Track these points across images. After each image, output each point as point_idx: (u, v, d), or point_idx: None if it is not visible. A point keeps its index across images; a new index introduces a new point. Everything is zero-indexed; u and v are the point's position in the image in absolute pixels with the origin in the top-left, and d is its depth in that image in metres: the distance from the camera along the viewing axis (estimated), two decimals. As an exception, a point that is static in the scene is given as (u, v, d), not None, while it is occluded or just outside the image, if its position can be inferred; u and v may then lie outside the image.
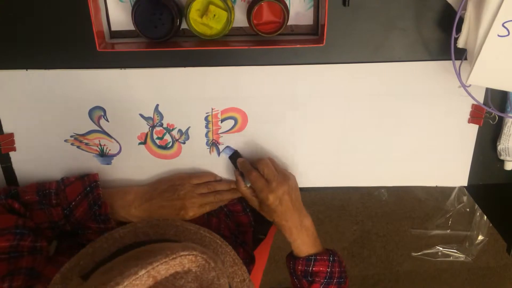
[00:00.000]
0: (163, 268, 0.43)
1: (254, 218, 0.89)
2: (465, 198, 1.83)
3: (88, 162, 0.79)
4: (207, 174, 0.81)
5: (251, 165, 0.76)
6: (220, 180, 0.82)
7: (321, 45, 0.67)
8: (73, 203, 0.71)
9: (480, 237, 1.88)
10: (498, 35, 0.61)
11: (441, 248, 1.91)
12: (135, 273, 0.41)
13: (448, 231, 1.89)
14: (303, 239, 0.75)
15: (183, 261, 0.44)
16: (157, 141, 0.78)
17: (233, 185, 0.80)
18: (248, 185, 0.77)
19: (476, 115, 0.77)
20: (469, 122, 0.78)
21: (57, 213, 0.71)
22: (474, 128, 0.79)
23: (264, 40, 0.69)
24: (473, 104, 0.77)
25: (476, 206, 1.77)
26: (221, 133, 0.78)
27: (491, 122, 0.78)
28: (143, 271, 0.42)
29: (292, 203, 0.74)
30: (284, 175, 0.75)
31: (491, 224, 1.01)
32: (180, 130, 0.78)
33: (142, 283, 0.42)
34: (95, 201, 0.72)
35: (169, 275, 0.44)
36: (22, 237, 0.64)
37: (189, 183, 0.78)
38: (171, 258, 0.43)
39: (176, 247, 0.45)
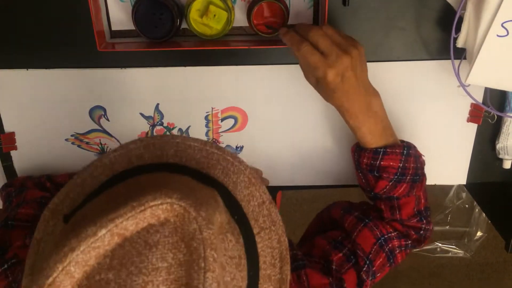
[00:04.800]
0: (131, 223, 0.35)
1: None
2: (464, 195, 1.83)
3: (88, 161, 0.79)
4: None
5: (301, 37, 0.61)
6: None
7: (321, 45, 0.67)
8: None
9: (479, 233, 1.88)
10: (497, 35, 0.61)
11: (440, 244, 1.92)
12: (94, 234, 0.33)
13: (447, 227, 1.90)
14: (370, 127, 0.63)
15: (155, 212, 0.35)
16: (158, 140, 0.79)
17: (259, 172, 0.75)
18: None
19: (475, 114, 0.78)
20: (468, 121, 0.78)
21: None
22: (473, 127, 0.79)
23: (264, 40, 0.69)
24: (472, 103, 0.77)
25: (475, 202, 1.78)
26: (221, 132, 0.78)
27: (490, 121, 0.78)
28: (104, 231, 0.34)
29: (357, 80, 0.60)
30: (346, 44, 0.60)
31: (489, 221, 1.01)
32: (180, 129, 0.78)
33: (105, 244, 0.34)
34: None
35: (141, 229, 0.35)
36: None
37: None
38: (138, 211, 0.35)
39: (149, 192, 0.36)
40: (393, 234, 0.66)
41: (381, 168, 0.63)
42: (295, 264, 0.60)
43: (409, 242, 0.67)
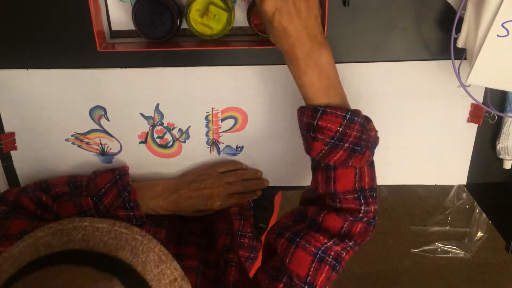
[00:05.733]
0: None
1: (254, 203, 0.87)
2: (464, 195, 1.83)
3: (89, 161, 0.79)
4: (233, 162, 0.79)
5: None
6: (246, 169, 0.80)
7: (321, 45, 0.67)
8: (102, 191, 0.70)
9: (479, 234, 1.88)
10: (498, 35, 0.61)
11: (440, 245, 1.92)
12: None
13: (448, 227, 1.90)
14: (312, 79, 0.58)
15: None
16: (158, 140, 0.79)
17: (259, 174, 0.78)
18: None
19: (475, 114, 0.78)
20: (468, 121, 0.78)
21: (86, 202, 0.70)
22: (473, 127, 0.79)
23: (264, 40, 0.69)
24: (472, 104, 0.77)
25: (476, 203, 1.78)
26: (221, 132, 0.78)
27: (490, 121, 0.78)
28: None
29: (299, 20, 0.56)
30: None
31: (490, 221, 1.01)
32: (180, 129, 0.78)
33: None
34: (124, 187, 0.71)
35: None
36: None
37: (215, 171, 0.76)
38: None
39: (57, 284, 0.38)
40: (329, 243, 0.60)
41: (318, 129, 0.58)
42: None
43: (352, 242, 0.61)
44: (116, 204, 0.70)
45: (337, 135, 0.58)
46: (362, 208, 0.61)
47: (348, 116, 0.58)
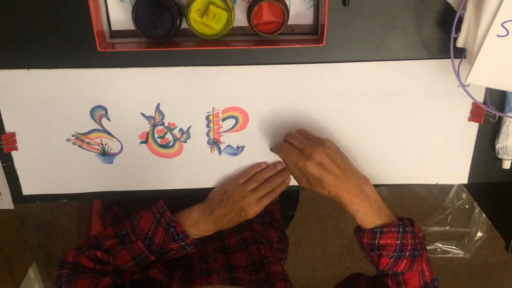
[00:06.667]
0: None
1: (279, 197, 0.89)
2: (464, 195, 1.84)
3: (89, 161, 0.79)
4: (250, 168, 0.81)
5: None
6: (266, 167, 0.81)
7: (321, 44, 0.67)
8: (149, 233, 0.74)
9: (479, 234, 1.89)
10: (497, 35, 0.61)
11: (440, 245, 1.93)
12: None
13: (447, 227, 1.90)
14: (365, 209, 0.68)
15: None
16: (159, 140, 0.79)
17: (279, 166, 0.80)
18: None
19: (476, 113, 0.78)
20: (469, 120, 0.78)
21: (138, 246, 0.74)
22: (474, 126, 0.79)
23: (264, 40, 0.69)
24: (473, 102, 0.77)
25: (475, 203, 1.78)
26: (222, 132, 0.78)
27: (492, 120, 0.78)
28: None
29: (338, 167, 0.67)
30: (316, 139, 0.71)
31: (489, 221, 1.01)
32: (181, 129, 0.78)
33: None
34: (168, 224, 0.74)
35: None
36: None
37: (237, 184, 0.79)
38: None
39: None
40: None
41: (381, 246, 0.67)
42: None
43: None
44: (167, 240, 0.74)
45: (397, 247, 0.66)
46: None
47: (401, 229, 0.67)
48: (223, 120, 0.77)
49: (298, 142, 0.70)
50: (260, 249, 0.83)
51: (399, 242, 0.67)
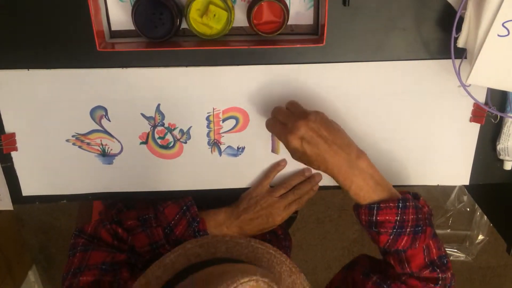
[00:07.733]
0: None
1: None
2: (465, 198, 1.83)
3: (89, 162, 0.79)
4: (272, 171, 0.80)
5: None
6: (294, 174, 0.81)
7: (321, 44, 0.67)
8: (172, 222, 0.73)
9: (481, 237, 1.88)
10: (498, 35, 0.61)
11: (441, 248, 1.91)
12: None
13: (449, 230, 1.89)
14: (359, 184, 0.65)
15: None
16: (159, 141, 0.78)
17: (307, 173, 0.79)
18: None
19: (477, 114, 0.77)
20: (471, 121, 0.78)
21: (158, 233, 0.73)
22: (475, 127, 0.79)
23: (264, 40, 0.69)
24: (474, 103, 0.77)
25: (476, 205, 1.78)
26: (222, 132, 0.78)
27: (493, 121, 0.78)
28: None
29: (325, 141, 0.64)
30: (301, 112, 0.67)
31: (491, 224, 1.01)
32: (181, 130, 0.78)
33: None
34: (193, 218, 0.74)
35: None
36: (106, 273, 0.67)
37: (265, 190, 0.79)
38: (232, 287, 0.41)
39: (234, 272, 0.43)
40: None
41: (379, 223, 0.64)
42: None
43: None
44: (187, 234, 0.73)
45: (397, 224, 0.63)
46: (440, 276, 0.66)
47: (400, 204, 0.64)
48: (224, 120, 0.77)
49: (283, 116, 0.67)
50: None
51: (398, 218, 0.63)
